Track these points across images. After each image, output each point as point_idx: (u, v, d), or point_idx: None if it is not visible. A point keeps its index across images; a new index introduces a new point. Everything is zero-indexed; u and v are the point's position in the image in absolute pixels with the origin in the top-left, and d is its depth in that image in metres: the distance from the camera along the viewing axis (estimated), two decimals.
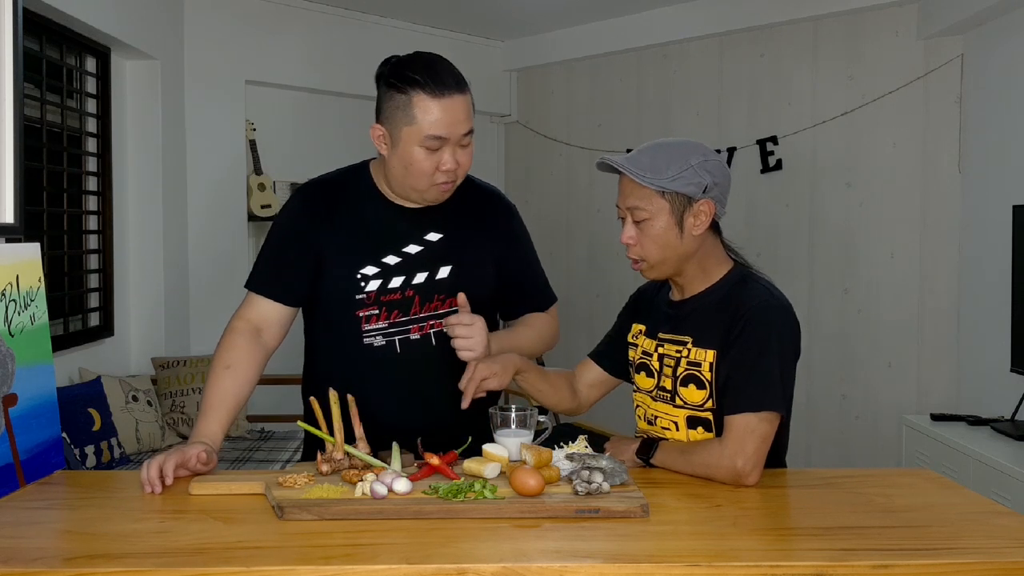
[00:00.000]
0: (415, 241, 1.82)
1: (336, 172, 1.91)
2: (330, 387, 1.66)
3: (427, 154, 1.71)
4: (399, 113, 1.71)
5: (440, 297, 1.82)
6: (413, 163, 1.72)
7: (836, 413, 4.48)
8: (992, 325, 3.76)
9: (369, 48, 5.21)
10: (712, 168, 1.69)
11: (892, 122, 4.29)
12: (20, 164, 2.61)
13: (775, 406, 1.64)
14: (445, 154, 1.72)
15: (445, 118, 1.70)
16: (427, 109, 1.69)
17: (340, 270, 1.79)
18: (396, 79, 1.72)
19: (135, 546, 1.28)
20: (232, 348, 1.77)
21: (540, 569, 1.20)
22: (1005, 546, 1.32)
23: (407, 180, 1.76)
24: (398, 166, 1.75)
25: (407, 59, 1.76)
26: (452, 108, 1.71)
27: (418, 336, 1.81)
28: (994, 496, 2.96)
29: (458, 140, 1.73)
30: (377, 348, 1.79)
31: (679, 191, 1.67)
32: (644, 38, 5.16)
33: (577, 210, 5.62)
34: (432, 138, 1.70)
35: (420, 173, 1.73)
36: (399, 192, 1.81)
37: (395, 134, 1.73)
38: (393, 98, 1.72)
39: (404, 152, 1.72)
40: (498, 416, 1.72)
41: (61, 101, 3.62)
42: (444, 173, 1.74)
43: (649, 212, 1.69)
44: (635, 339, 1.89)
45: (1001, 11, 3.71)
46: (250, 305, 1.82)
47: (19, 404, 1.61)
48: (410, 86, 1.70)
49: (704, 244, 1.73)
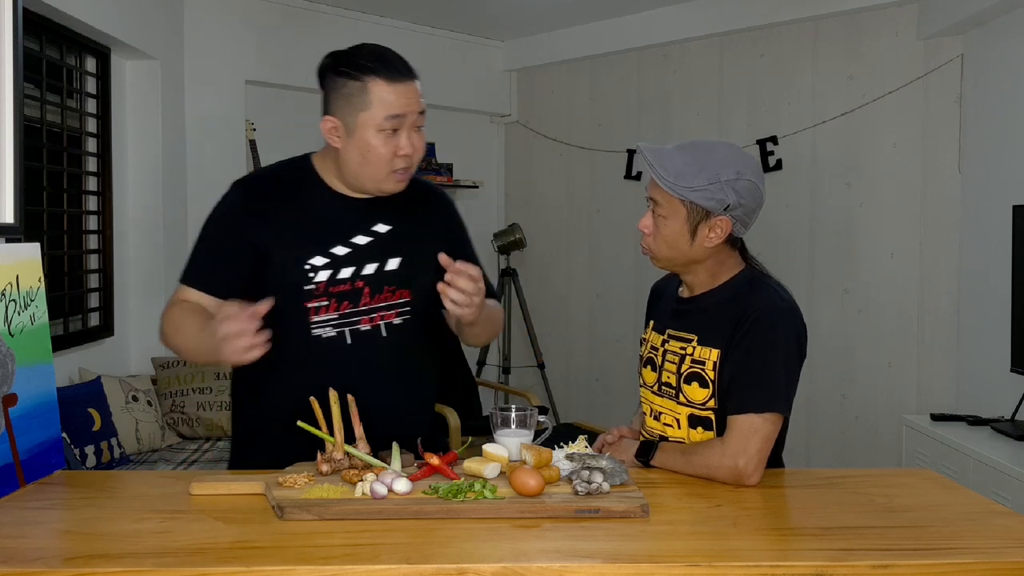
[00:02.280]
0: (364, 232, 1.82)
1: (274, 166, 1.90)
2: (276, 378, 1.70)
3: (384, 139, 1.71)
4: (353, 100, 1.71)
5: (390, 288, 1.81)
6: (371, 150, 1.72)
7: (836, 413, 4.48)
8: (992, 325, 3.76)
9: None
10: (741, 188, 1.65)
11: (892, 122, 4.28)
12: (20, 164, 2.61)
13: (779, 408, 1.64)
14: (402, 138, 1.72)
15: (400, 99, 1.71)
16: (383, 93, 1.70)
17: (287, 261, 1.76)
18: (348, 67, 1.72)
19: (135, 546, 1.28)
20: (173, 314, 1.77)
21: (540, 569, 1.20)
22: (1005, 546, 1.32)
23: (365, 169, 1.75)
24: (355, 156, 1.74)
25: (355, 50, 1.76)
26: (407, 92, 1.72)
27: (368, 327, 1.80)
28: (994, 496, 2.96)
29: (413, 121, 1.74)
30: (327, 339, 1.77)
31: (698, 203, 1.66)
32: (644, 38, 5.16)
33: (577, 210, 5.62)
34: (390, 118, 1.70)
35: (378, 160, 1.72)
36: (354, 184, 1.80)
37: (350, 123, 1.72)
38: (346, 86, 1.71)
39: (360, 140, 1.72)
40: (498, 416, 1.72)
41: (61, 101, 3.62)
42: (402, 159, 1.74)
43: (666, 212, 1.69)
44: (645, 334, 1.89)
45: (1001, 11, 3.70)
46: (184, 297, 1.80)
47: (19, 404, 1.61)
48: (364, 73, 1.70)
49: (716, 254, 1.73)
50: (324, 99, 1.77)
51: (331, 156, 1.80)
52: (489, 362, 5.51)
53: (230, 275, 1.78)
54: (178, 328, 1.76)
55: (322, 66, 1.78)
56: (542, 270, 5.77)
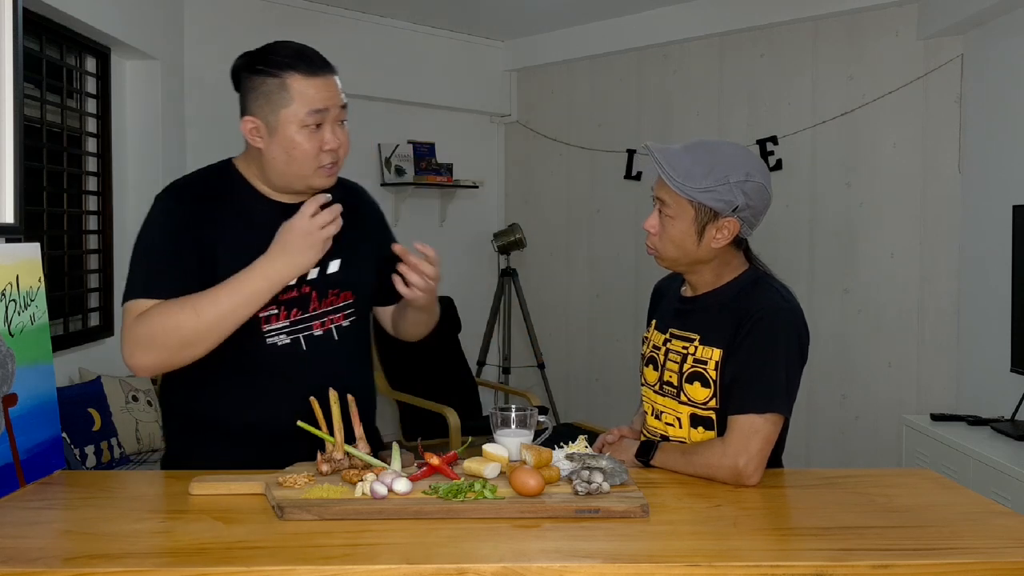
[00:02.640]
0: None
1: (199, 173, 1.82)
2: (231, 387, 1.69)
3: (308, 134, 1.68)
4: (273, 98, 1.67)
5: (334, 292, 1.80)
6: (295, 146, 1.68)
7: (836, 413, 4.48)
8: (992, 325, 3.76)
9: (369, 48, 5.22)
10: (749, 190, 1.66)
11: (892, 122, 4.29)
12: (20, 164, 2.61)
13: (780, 408, 1.64)
14: (326, 132, 1.70)
15: (322, 94, 1.68)
16: (303, 88, 1.67)
17: (233, 270, 1.68)
18: (265, 65, 1.68)
19: (135, 546, 1.28)
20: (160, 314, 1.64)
21: (540, 569, 1.20)
22: (1005, 546, 1.32)
23: (291, 168, 1.71)
24: (280, 155, 1.70)
25: (270, 47, 1.72)
26: (327, 85, 1.70)
27: (321, 332, 1.78)
28: (994, 496, 2.96)
29: (336, 115, 1.71)
30: (282, 347, 1.74)
31: (706, 204, 1.66)
32: (644, 38, 5.16)
33: (577, 210, 5.62)
34: (313, 112, 1.67)
35: (304, 156, 1.69)
36: (281, 184, 1.75)
37: (271, 121, 1.68)
38: (264, 84, 1.68)
39: (284, 137, 1.68)
40: (498, 416, 1.72)
41: (61, 101, 3.62)
42: (328, 153, 1.71)
43: (673, 212, 1.69)
44: (648, 333, 1.89)
45: (1001, 11, 3.70)
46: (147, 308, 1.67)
47: (19, 404, 1.61)
48: (282, 69, 1.67)
49: (722, 255, 1.73)
50: (241, 100, 1.73)
51: (254, 158, 1.76)
52: (489, 362, 5.51)
53: (192, 282, 1.68)
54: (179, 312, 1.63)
55: (236, 67, 1.74)
56: (542, 270, 5.77)
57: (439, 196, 5.67)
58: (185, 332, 1.64)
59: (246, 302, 1.65)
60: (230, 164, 1.82)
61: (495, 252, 5.56)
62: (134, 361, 1.68)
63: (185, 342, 1.64)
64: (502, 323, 5.49)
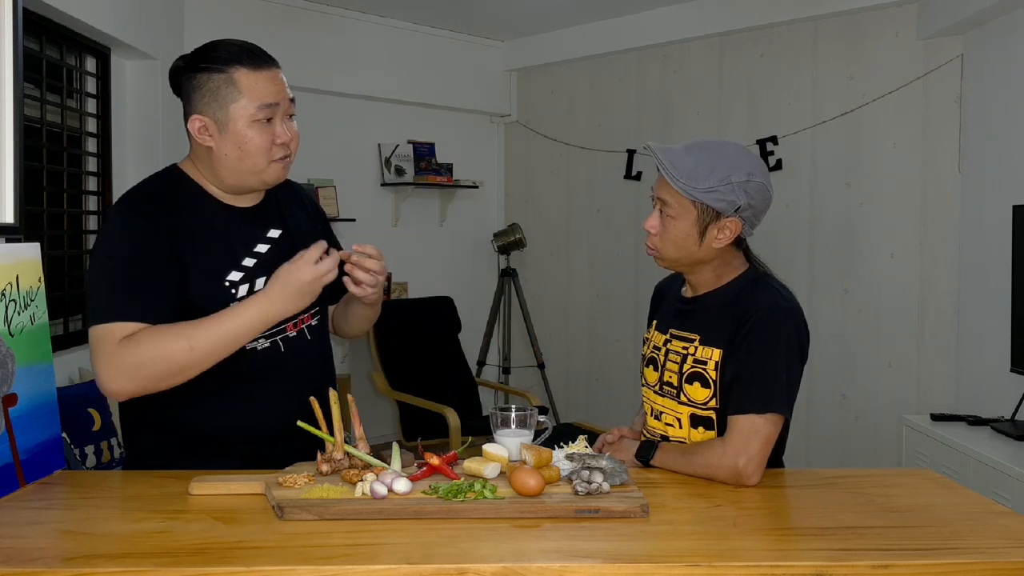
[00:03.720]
0: (261, 240, 1.76)
1: (147, 182, 1.77)
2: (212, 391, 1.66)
3: (260, 129, 1.66)
4: (221, 93, 1.64)
5: None
6: (248, 141, 1.66)
7: (836, 413, 4.48)
8: (992, 325, 3.76)
9: (369, 48, 5.22)
10: (752, 190, 1.66)
11: (892, 122, 4.29)
12: (20, 164, 2.61)
13: (780, 408, 1.64)
14: (277, 126, 1.68)
15: (271, 87, 1.66)
16: (250, 82, 1.64)
17: (207, 279, 1.67)
18: (210, 62, 1.66)
19: (135, 546, 1.28)
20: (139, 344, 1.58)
21: (540, 569, 1.20)
22: (1005, 546, 1.32)
23: (243, 164, 1.68)
24: (232, 151, 1.67)
25: (209, 45, 1.69)
26: (275, 79, 1.68)
27: (295, 333, 1.78)
28: (994, 496, 2.96)
29: (286, 109, 1.70)
30: (262, 351, 1.72)
31: (709, 204, 1.66)
32: (644, 38, 5.16)
33: (577, 210, 5.62)
34: (264, 107, 1.65)
35: (257, 151, 1.67)
36: (234, 182, 1.72)
37: (221, 118, 1.65)
38: (210, 80, 1.65)
39: (235, 133, 1.65)
40: (498, 416, 1.72)
41: (61, 101, 3.62)
42: (280, 147, 1.69)
43: (675, 212, 1.69)
44: (648, 334, 1.89)
45: (1001, 11, 3.70)
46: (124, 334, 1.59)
47: (19, 404, 1.61)
48: (228, 64, 1.64)
49: (722, 255, 1.73)
50: (185, 102, 1.70)
51: (202, 160, 1.72)
52: (489, 362, 5.51)
53: (170, 297, 1.64)
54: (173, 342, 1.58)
55: (174, 69, 1.71)
56: (542, 270, 5.77)
57: (439, 196, 5.67)
58: (177, 362, 1.60)
59: (240, 336, 1.64)
60: (177, 169, 1.78)
61: (495, 252, 5.56)
62: (115, 387, 1.60)
63: (173, 372, 1.61)
64: (502, 323, 5.49)
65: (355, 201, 5.15)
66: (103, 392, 1.63)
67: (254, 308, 1.64)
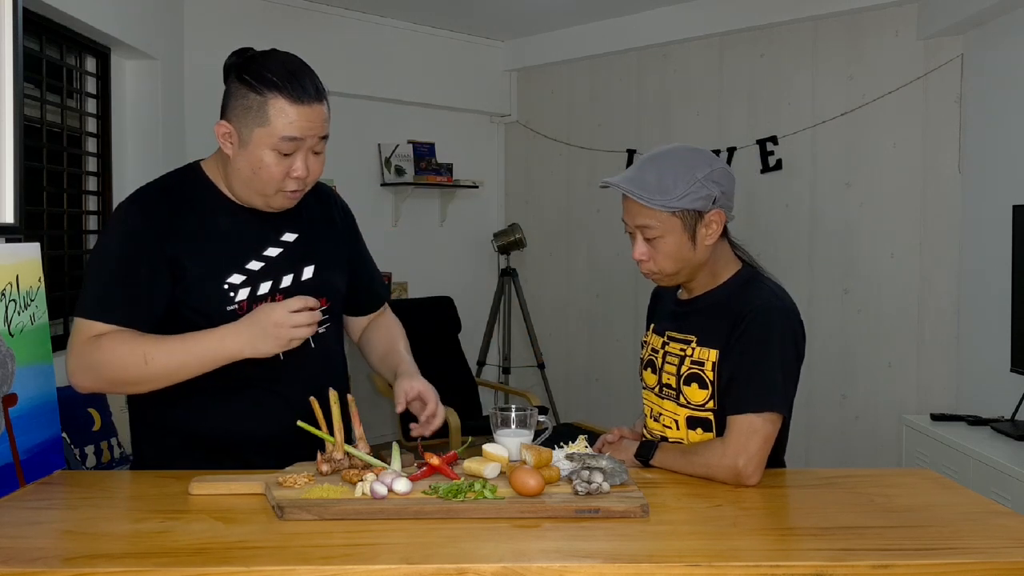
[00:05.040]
0: (273, 243, 1.74)
1: (166, 177, 1.78)
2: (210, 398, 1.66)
3: (278, 159, 1.63)
4: (252, 114, 1.62)
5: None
6: (262, 167, 1.64)
7: (836, 413, 4.48)
8: (992, 325, 3.76)
9: (369, 48, 5.22)
10: (718, 177, 1.68)
11: (892, 122, 4.29)
12: (20, 164, 2.61)
13: (778, 407, 1.64)
14: (297, 160, 1.65)
15: (301, 122, 1.62)
16: (283, 112, 1.61)
17: (204, 281, 1.66)
18: (252, 78, 1.63)
19: (135, 546, 1.28)
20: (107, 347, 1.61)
21: (540, 569, 1.20)
22: (1005, 546, 1.32)
23: (253, 184, 1.67)
24: (245, 168, 1.66)
25: (265, 56, 1.67)
26: (310, 115, 1.63)
27: None
28: (994, 496, 2.96)
29: (312, 145, 1.66)
30: (261, 358, 1.68)
31: (689, 208, 1.66)
32: (644, 38, 5.16)
33: (577, 210, 5.62)
34: (286, 140, 1.62)
35: (269, 178, 1.65)
36: (242, 195, 1.72)
37: (245, 135, 1.64)
38: (247, 97, 1.63)
39: (253, 154, 1.64)
40: (498, 416, 1.72)
41: (61, 101, 3.62)
42: (294, 180, 1.66)
43: (660, 230, 1.69)
44: (646, 337, 1.90)
45: (1001, 11, 3.70)
46: (100, 332, 1.63)
47: (19, 404, 1.61)
48: (267, 87, 1.61)
49: (716, 249, 1.74)
50: (224, 100, 1.68)
51: (223, 162, 1.72)
52: (489, 362, 5.51)
53: (153, 303, 1.65)
54: (129, 355, 1.60)
55: (228, 64, 1.69)
56: (542, 270, 5.77)
57: (439, 196, 5.67)
58: (130, 374, 1.62)
59: (197, 364, 1.62)
60: (198, 168, 1.78)
61: (495, 252, 5.56)
62: (76, 380, 1.65)
63: (128, 382, 1.64)
64: (502, 323, 5.49)
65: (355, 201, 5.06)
66: (70, 382, 1.67)
67: (214, 337, 1.62)
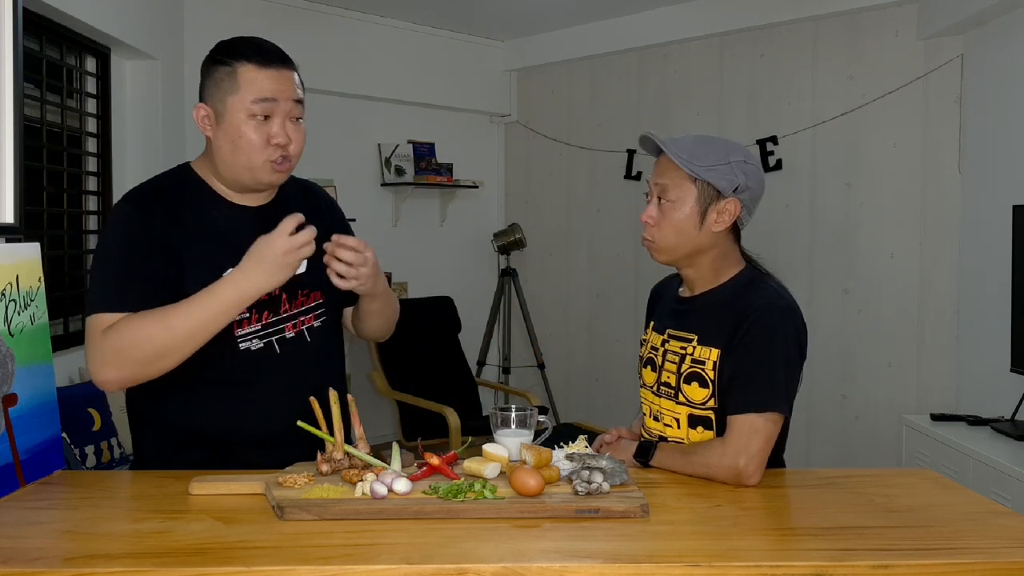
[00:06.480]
0: None
1: (158, 178, 1.79)
2: (208, 395, 1.66)
3: (256, 125, 1.65)
4: (223, 85, 1.66)
5: (304, 292, 1.78)
6: (241, 136, 1.65)
7: (836, 413, 4.48)
8: (992, 325, 3.76)
9: (369, 48, 5.22)
10: (749, 171, 1.71)
11: (892, 122, 4.29)
12: (20, 164, 2.61)
13: (779, 407, 1.64)
14: (275, 125, 1.66)
15: (271, 84, 1.65)
16: (252, 77, 1.65)
17: (204, 277, 1.65)
18: (222, 55, 1.68)
19: (135, 546, 1.28)
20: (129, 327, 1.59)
21: (540, 569, 1.20)
22: (1005, 546, 1.32)
23: (237, 159, 1.68)
24: (226, 144, 1.67)
25: (232, 39, 1.72)
26: (279, 78, 1.67)
27: (293, 334, 1.76)
28: (994, 496, 2.96)
29: (288, 110, 1.67)
30: (256, 352, 1.71)
31: (711, 182, 1.68)
32: (644, 38, 5.16)
33: (577, 210, 5.62)
34: (259, 101, 1.64)
35: (250, 147, 1.66)
36: (230, 177, 1.72)
37: (219, 108, 1.67)
38: (217, 71, 1.67)
39: (231, 126, 1.66)
40: (498, 416, 1.72)
41: (61, 101, 3.62)
42: (275, 148, 1.67)
43: (676, 194, 1.70)
44: (646, 335, 1.89)
45: (1001, 11, 3.71)
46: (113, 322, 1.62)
47: (19, 404, 1.61)
48: (234, 58, 1.66)
49: (720, 244, 1.74)
50: (200, 89, 1.73)
51: (210, 156, 1.74)
52: (489, 362, 5.51)
53: (162, 288, 1.64)
54: (150, 325, 1.59)
55: (202, 64, 1.74)
56: (542, 270, 5.77)
57: (439, 196, 5.67)
58: (156, 345, 1.59)
59: (218, 315, 1.61)
60: (188, 168, 1.79)
61: (495, 252, 5.56)
62: (102, 376, 1.62)
63: (155, 355, 1.60)
64: (502, 323, 5.49)
65: (355, 201, 5.13)
66: (96, 384, 1.65)
67: (229, 285, 1.61)
